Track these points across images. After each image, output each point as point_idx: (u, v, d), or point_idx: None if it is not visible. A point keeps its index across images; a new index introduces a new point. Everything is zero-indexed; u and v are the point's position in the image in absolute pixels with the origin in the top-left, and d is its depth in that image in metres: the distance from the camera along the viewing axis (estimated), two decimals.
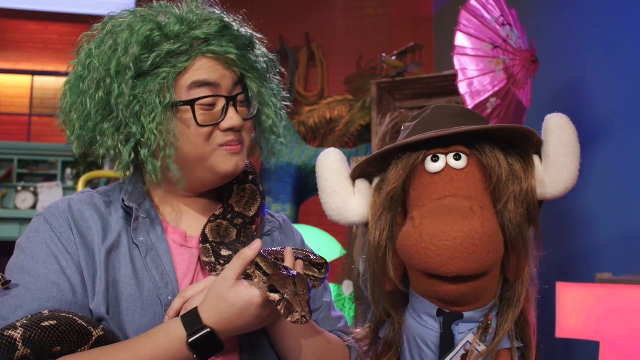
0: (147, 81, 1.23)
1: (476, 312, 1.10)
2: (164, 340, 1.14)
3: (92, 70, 1.25)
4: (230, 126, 1.27)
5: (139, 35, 1.22)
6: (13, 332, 1.10)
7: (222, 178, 1.33)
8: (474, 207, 1.04)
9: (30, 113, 6.72)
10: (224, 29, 1.28)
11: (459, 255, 1.01)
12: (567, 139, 1.10)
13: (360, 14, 6.91)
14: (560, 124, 1.11)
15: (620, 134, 2.95)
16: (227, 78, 1.28)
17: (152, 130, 1.22)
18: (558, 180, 1.11)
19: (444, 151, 1.12)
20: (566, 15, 3.58)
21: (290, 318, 1.05)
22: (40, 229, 1.27)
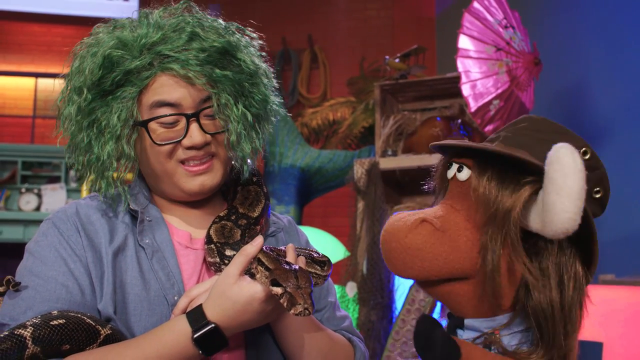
0: (109, 100, 1.24)
1: (477, 321, 1.10)
2: (170, 336, 1.15)
3: (64, 89, 1.30)
4: (190, 144, 1.26)
5: (99, 56, 1.23)
6: (23, 331, 1.12)
7: (191, 196, 1.33)
8: (416, 220, 1.09)
9: (33, 115, 6.75)
10: (190, 41, 1.26)
11: (386, 257, 1.12)
12: (558, 177, 0.96)
13: (363, 15, 6.94)
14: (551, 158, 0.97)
15: (622, 136, 2.95)
16: (189, 95, 1.26)
17: (108, 150, 1.25)
18: (547, 220, 0.98)
19: (457, 161, 1.13)
20: (568, 17, 3.59)
21: (293, 310, 1.07)
22: (48, 232, 1.29)
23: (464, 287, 1.09)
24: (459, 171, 1.12)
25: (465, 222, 1.09)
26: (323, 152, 4.14)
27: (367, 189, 3.00)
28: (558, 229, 0.96)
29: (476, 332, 1.10)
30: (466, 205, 1.10)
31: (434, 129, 3.02)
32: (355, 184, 3.10)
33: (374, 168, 3.04)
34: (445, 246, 1.07)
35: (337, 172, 4.02)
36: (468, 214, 1.09)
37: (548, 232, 0.98)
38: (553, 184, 0.95)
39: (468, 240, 1.07)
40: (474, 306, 1.10)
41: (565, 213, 0.95)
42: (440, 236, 1.07)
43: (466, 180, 1.11)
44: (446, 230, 1.08)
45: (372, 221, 2.95)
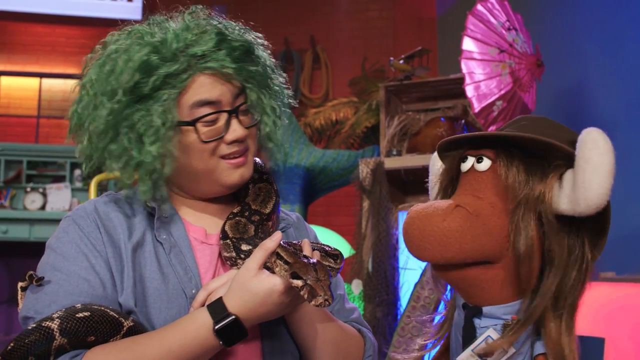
0: (149, 104, 1.26)
1: (495, 307, 1.14)
2: (192, 328, 1.19)
3: (93, 95, 1.29)
4: (233, 138, 1.30)
5: (134, 61, 1.25)
6: (50, 323, 1.15)
7: (229, 188, 1.38)
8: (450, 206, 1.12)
9: (38, 115, 6.77)
10: (220, 42, 1.30)
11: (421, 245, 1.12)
12: (587, 154, 1.04)
13: (365, 16, 6.97)
14: (584, 139, 1.06)
15: (622, 136, 2.96)
16: (227, 92, 1.31)
17: (152, 152, 1.27)
18: (577, 196, 1.06)
19: (474, 153, 1.18)
20: (569, 19, 3.61)
21: (314, 302, 1.11)
22: (69, 229, 1.33)
23: (490, 272, 1.13)
24: (478, 162, 1.16)
25: (492, 209, 1.13)
26: (327, 151, 4.15)
27: (372, 188, 3.03)
28: (593, 204, 1.04)
29: (494, 320, 1.14)
30: (489, 194, 1.14)
31: (438, 129, 3.05)
32: (361, 183, 3.13)
33: (379, 168, 3.08)
34: (480, 229, 1.11)
35: (341, 172, 4.03)
36: (492, 202, 1.13)
37: (581, 209, 1.06)
38: (589, 163, 1.03)
39: (497, 225, 1.12)
40: (503, 291, 1.14)
41: (601, 189, 1.03)
42: (475, 220, 1.11)
43: (487, 170, 1.16)
44: (479, 214, 1.12)
45: (377, 220, 2.98)
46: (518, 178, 1.12)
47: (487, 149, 1.17)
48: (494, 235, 1.12)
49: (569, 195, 1.07)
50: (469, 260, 1.12)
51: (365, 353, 1.44)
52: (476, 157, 1.17)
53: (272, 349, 1.34)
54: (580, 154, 1.05)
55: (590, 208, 1.05)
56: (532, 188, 1.10)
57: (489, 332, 1.14)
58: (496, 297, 1.14)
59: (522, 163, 1.13)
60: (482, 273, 1.13)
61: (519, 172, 1.12)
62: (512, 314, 1.14)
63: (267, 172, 1.50)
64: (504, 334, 1.12)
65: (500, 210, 1.13)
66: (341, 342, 1.38)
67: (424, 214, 1.13)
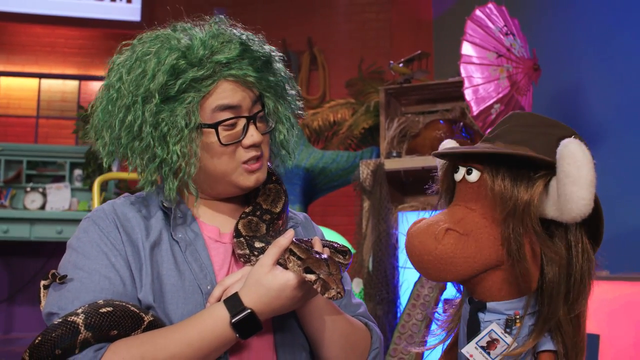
0: (173, 106, 1.32)
1: (498, 303, 1.18)
2: (210, 321, 1.24)
3: (121, 95, 1.35)
4: (251, 143, 1.36)
5: (166, 64, 1.31)
6: (75, 318, 1.20)
7: (244, 190, 1.43)
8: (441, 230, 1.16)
9: (37, 115, 6.77)
10: (244, 51, 1.36)
11: (419, 267, 1.19)
12: (566, 169, 1.07)
13: (362, 18, 6.98)
14: (562, 152, 1.09)
15: (616, 138, 3.02)
16: (247, 98, 1.37)
17: (177, 151, 1.32)
18: (565, 209, 1.10)
19: (464, 164, 1.22)
20: (565, 25, 3.64)
21: (327, 294, 1.16)
22: (89, 229, 1.38)
23: (493, 276, 1.17)
24: (468, 174, 1.21)
25: (483, 220, 1.17)
26: (326, 152, 4.17)
27: (373, 189, 3.06)
28: (576, 215, 1.09)
29: (497, 315, 1.18)
30: (479, 204, 1.19)
31: (437, 131, 3.08)
32: (361, 184, 3.15)
33: (379, 169, 3.11)
34: (472, 248, 1.15)
35: (340, 172, 4.05)
36: (483, 212, 1.18)
37: (566, 218, 1.11)
38: (568, 176, 1.07)
39: (490, 236, 1.16)
40: (502, 290, 1.18)
41: (582, 200, 1.07)
42: (466, 240, 1.15)
43: (476, 182, 1.20)
44: (469, 233, 1.16)
45: (377, 220, 3.01)
46: (504, 188, 1.15)
47: (475, 160, 1.21)
48: (488, 247, 1.16)
49: (555, 203, 1.11)
50: (468, 276, 1.17)
51: (372, 345, 1.48)
52: (466, 168, 1.22)
53: (284, 341, 1.39)
54: (560, 168, 1.08)
55: (575, 219, 1.09)
56: (518, 198, 1.13)
57: (492, 326, 1.17)
58: (497, 295, 1.19)
59: (508, 173, 1.16)
60: (486, 277, 1.18)
61: (505, 182, 1.15)
62: (514, 310, 1.17)
63: (276, 173, 1.56)
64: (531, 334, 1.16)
65: (492, 220, 1.17)
66: (349, 335, 1.43)
67: (418, 240, 1.18)
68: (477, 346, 1.19)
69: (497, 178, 1.16)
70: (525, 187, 1.14)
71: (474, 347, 1.19)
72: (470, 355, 1.19)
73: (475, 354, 1.19)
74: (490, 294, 1.20)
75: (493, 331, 1.18)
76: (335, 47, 6.83)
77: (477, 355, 1.19)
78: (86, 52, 6.93)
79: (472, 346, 1.19)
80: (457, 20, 4.82)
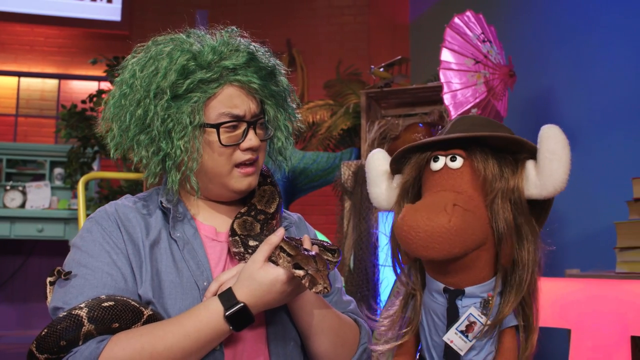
0: (180, 103, 1.39)
1: (475, 287, 1.27)
2: (205, 314, 1.30)
3: (134, 90, 1.42)
4: (249, 146, 1.44)
5: (177, 64, 1.39)
6: (79, 312, 1.26)
7: (236, 194, 1.50)
8: (448, 206, 1.22)
9: (16, 114, 6.70)
10: (250, 60, 1.44)
11: (428, 245, 1.22)
12: (552, 147, 1.23)
13: (340, 21, 7.00)
14: (547, 133, 1.24)
15: (586, 141, 3.09)
16: (249, 105, 1.45)
17: (180, 146, 1.40)
18: (546, 182, 1.24)
19: (444, 153, 1.31)
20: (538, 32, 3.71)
21: (315, 289, 1.23)
22: (92, 229, 1.44)
23: (480, 256, 1.26)
24: (452, 161, 1.30)
25: (472, 201, 1.26)
26: (307, 153, 4.15)
27: (354, 190, 3.09)
28: (556, 189, 1.24)
29: (473, 299, 1.27)
30: (465, 188, 1.28)
31: (416, 134, 3.11)
32: (343, 184, 3.18)
33: (360, 170, 3.14)
34: (475, 223, 1.24)
35: (321, 173, 4.04)
36: (470, 195, 1.27)
37: (547, 193, 1.25)
38: (554, 153, 1.23)
39: (482, 215, 1.26)
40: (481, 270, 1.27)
41: (564, 175, 1.23)
42: (471, 215, 1.24)
43: (460, 168, 1.29)
44: (470, 210, 1.25)
45: (358, 219, 3.03)
46: (493, 172, 1.27)
47: (456, 148, 1.31)
48: (482, 226, 1.25)
49: (534, 182, 1.25)
50: (469, 250, 1.24)
51: (361, 340, 1.54)
52: (449, 156, 1.31)
53: (276, 335, 1.45)
54: (545, 147, 1.23)
55: (555, 192, 1.25)
56: (507, 180, 1.26)
57: (471, 310, 1.26)
58: (480, 276, 1.28)
59: (493, 157, 1.28)
60: (475, 257, 1.26)
61: (494, 166, 1.27)
62: (488, 291, 1.27)
63: (271, 176, 1.62)
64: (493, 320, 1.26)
65: (478, 201, 1.27)
66: (339, 330, 1.49)
67: (426, 218, 1.23)
68: (456, 331, 1.27)
69: (488, 162, 1.28)
70: (512, 171, 1.27)
71: (454, 332, 1.27)
72: (451, 340, 1.27)
73: (455, 339, 1.27)
74: (473, 277, 1.28)
75: (471, 314, 1.26)
76: (314, 49, 6.85)
77: (457, 340, 1.27)
78: (66, 51, 6.88)
79: (452, 332, 1.27)
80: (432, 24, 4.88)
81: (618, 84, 2.99)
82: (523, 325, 1.30)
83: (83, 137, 5.37)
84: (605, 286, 2.12)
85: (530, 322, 1.30)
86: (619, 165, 2.92)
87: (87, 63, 5.86)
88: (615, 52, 3.03)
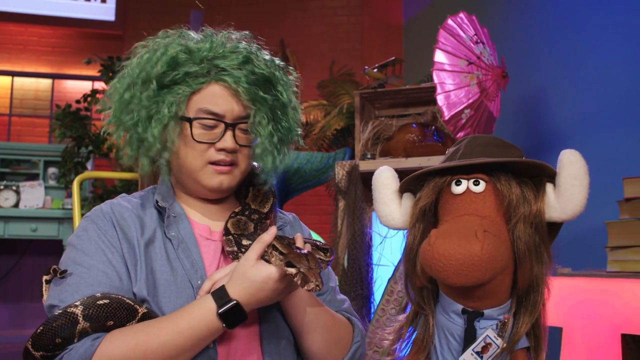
0: (164, 93, 1.43)
1: (494, 310, 1.27)
2: (198, 312, 1.31)
3: (127, 74, 1.47)
4: (222, 147, 1.44)
5: (168, 55, 1.43)
6: (74, 309, 1.27)
7: (209, 192, 1.50)
8: (478, 232, 1.20)
9: (10, 113, 6.70)
10: (244, 63, 1.45)
11: (461, 272, 1.18)
12: (575, 173, 1.24)
13: (333, 21, 7.00)
14: (570, 159, 1.24)
15: (577, 141, 3.10)
16: (232, 105, 1.45)
17: (154, 134, 1.42)
18: (566, 207, 1.25)
19: (467, 177, 1.30)
20: (531, 33, 3.73)
21: (306, 287, 1.24)
22: (88, 228, 1.45)
23: (501, 280, 1.25)
24: (475, 185, 1.29)
25: (496, 226, 1.26)
26: (301, 153, 4.15)
27: (348, 190, 3.08)
28: (576, 212, 1.25)
29: (490, 321, 1.27)
30: (488, 212, 1.28)
31: (410, 134, 3.13)
32: (337, 184, 3.19)
33: (354, 170, 3.15)
34: (503, 247, 1.23)
35: (315, 173, 4.05)
36: (493, 219, 1.27)
37: (567, 217, 1.26)
38: (577, 178, 1.24)
39: (506, 239, 1.25)
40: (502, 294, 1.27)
41: (584, 199, 1.24)
42: (499, 241, 1.23)
43: (483, 192, 1.29)
44: (498, 235, 1.24)
45: (352, 219, 3.04)
46: (517, 196, 1.27)
47: (478, 172, 1.30)
48: (507, 248, 1.25)
49: (554, 206, 1.26)
50: (497, 275, 1.23)
51: (354, 339, 1.55)
52: (473, 180, 1.30)
53: (269, 333, 1.46)
54: (567, 172, 1.24)
55: (574, 216, 1.25)
56: (530, 204, 1.26)
57: (488, 332, 1.26)
58: (500, 299, 1.28)
59: (516, 182, 1.28)
60: (500, 282, 1.25)
61: (517, 191, 1.27)
62: (504, 313, 1.27)
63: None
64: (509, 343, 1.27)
65: (501, 225, 1.26)
66: (332, 328, 1.50)
67: (457, 245, 1.19)
68: (472, 352, 1.27)
69: (510, 186, 1.28)
70: (534, 194, 1.28)
71: (470, 353, 1.27)
72: None
73: (470, 359, 1.27)
74: (495, 301, 1.27)
75: (488, 336, 1.26)
76: (307, 49, 6.85)
77: None
78: (59, 51, 6.87)
79: (468, 353, 1.27)
80: (426, 26, 4.89)
81: (609, 85, 3.00)
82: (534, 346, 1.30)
83: (77, 137, 5.37)
84: (597, 285, 2.13)
85: (540, 341, 1.30)
86: (610, 166, 2.93)
87: (80, 63, 5.85)
88: (607, 53, 3.05)
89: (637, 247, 2.13)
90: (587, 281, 2.18)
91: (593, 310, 2.09)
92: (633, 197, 2.17)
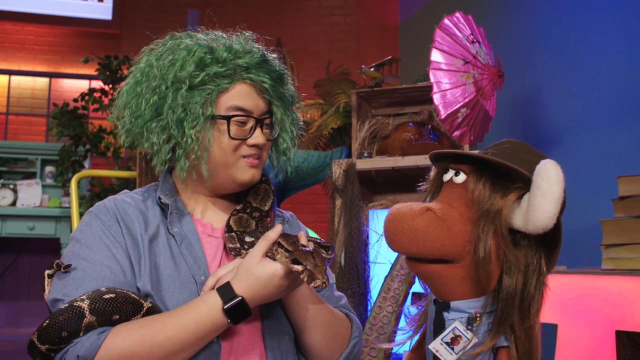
0: (194, 94, 1.45)
1: (461, 302, 1.29)
2: (204, 307, 1.33)
3: (150, 78, 1.48)
4: (255, 143, 1.49)
5: (195, 56, 1.46)
6: (81, 303, 1.28)
7: (239, 186, 1.54)
8: (423, 209, 1.28)
9: (7, 112, 6.70)
10: (263, 62, 1.50)
11: (392, 238, 1.29)
12: (544, 184, 1.17)
13: (330, 21, 7.02)
14: (542, 169, 1.19)
15: (572, 140, 3.14)
16: (259, 103, 1.50)
17: (191, 135, 1.44)
18: (531, 218, 1.19)
19: (455, 167, 1.34)
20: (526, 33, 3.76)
21: (313, 284, 1.26)
22: (92, 223, 1.47)
23: (451, 270, 1.28)
24: (456, 175, 1.32)
25: (459, 217, 1.28)
26: (298, 152, 4.18)
27: (345, 188, 3.10)
28: (540, 225, 1.19)
29: (460, 314, 1.29)
30: (460, 204, 1.30)
31: (406, 133, 3.15)
32: (334, 183, 3.20)
33: (351, 168, 3.17)
34: (444, 232, 1.26)
35: (312, 171, 4.06)
36: (461, 211, 1.29)
37: (530, 228, 1.21)
38: (540, 189, 1.18)
39: (460, 230, 1.27)
40: (461, 288, 1.29)
41: (547, 213, 1.17)
42: (441, 223, 1.27)
43: (462, 183, 1.31)
44: (445, 219, 1.27)
45: (349, 217, 3.06)
46: (483, 193, 1.27)
47: (466, 164, 1.33)
48: (457, 239, 1.27)
49: (524, 214, 1.22)
50: (430, 256, 1.27)
51: (352, 334, 1.57)
52: (455, 170, 1.34)
53: (270, 329, 1.48)
54: (534, 182, 1.20)
55: (537, 228, 1.19)
56: (492, 203, 1.25)
57: (456, 324, 1.28)
58: (456, 292, 1.29)
59: (489, 180, 1.28)
60: (444, 270, 1.28)
61: (485, 188, 1.27)
62: (476, 308, 1.28)
63: (265, 174, 1.66)
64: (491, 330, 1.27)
65: (466, 219, 1.28)
66: (331, 324, 1.52)
67: (398, 214, 1.29)
68: (442, 342, 1.29)
69: (479, 182, 1.29)
70: (501, 195, 1.26)
71: (439, 342, 1.29)
72: (436, 350, 1.30)
73: (440, 349, 1.29)
74: (450, 291, 1.30)
75: (456, 328, 1.28)
76: (304, 48, 6.87)
77: (442, 350, 1.29)
78: (56, 50, 6.88)
79: (437, 342, 1.30)
80: (422, 25, 4.92)
81: (604, 84, 3.03)
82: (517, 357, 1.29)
83: (75, 136, 5.38)
84: (592, 282, 2.16)
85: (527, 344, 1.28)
86: (604, 164, 2.97)
87: (77, 62, 5.87)
88: (602, 53, 3.08)
89: (632, 244, 2.15)
90: (582, 279, 2.21)
91: (588, 307, 2.11)
92: (627, 195, 2.19)
